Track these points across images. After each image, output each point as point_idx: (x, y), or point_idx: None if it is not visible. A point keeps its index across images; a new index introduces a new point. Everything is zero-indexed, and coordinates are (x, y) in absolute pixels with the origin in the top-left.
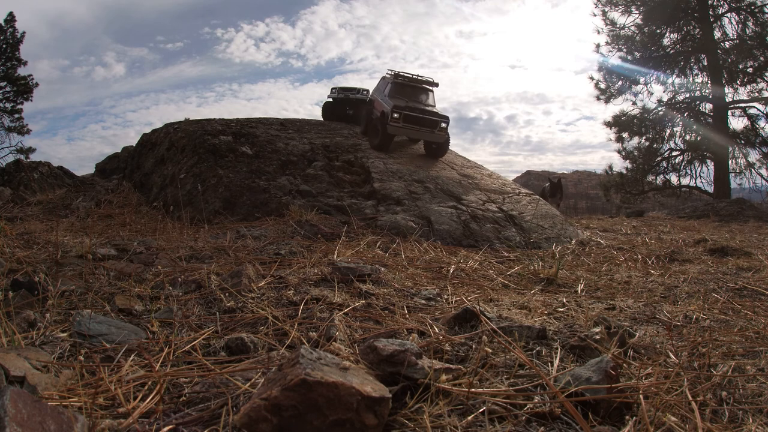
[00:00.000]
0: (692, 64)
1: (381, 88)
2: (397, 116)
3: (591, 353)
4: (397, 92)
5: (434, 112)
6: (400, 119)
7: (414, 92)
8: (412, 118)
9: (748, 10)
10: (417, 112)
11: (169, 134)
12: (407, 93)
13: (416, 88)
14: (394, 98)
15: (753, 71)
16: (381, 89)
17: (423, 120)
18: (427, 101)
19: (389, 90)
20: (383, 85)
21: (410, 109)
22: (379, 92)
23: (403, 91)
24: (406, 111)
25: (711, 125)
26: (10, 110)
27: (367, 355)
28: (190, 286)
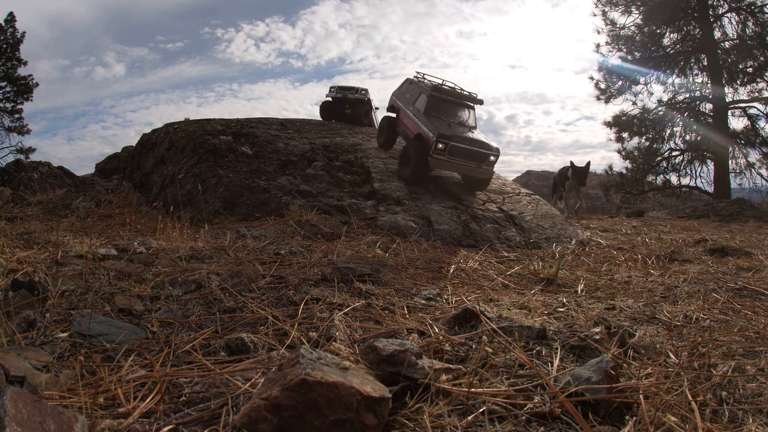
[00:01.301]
0: (692, 64)
1: (409, 96)
2: (443, 147)
3: (591, 353)
4: (434, 109)
5: (485, 143)
6: (445, 151)
7: (453, 109)
8: (459, 150)
9: (748, 10)
10: (466, 142)
11: (169, 134)
12: (446, 110)
13: (457, 104)
14: (432, 117)
15: (753, 71)
16: (409, 98)
17: (472, 153)
18: (468, 121)
19: (425, 105)
20: (413, 94)
21: (458, 138)
22: (407, 102)
23: (441, 108)
24: (454, 142)
25: (711, 125)
26: (10, 110)
27: (367, 355)
28: (190, 286)
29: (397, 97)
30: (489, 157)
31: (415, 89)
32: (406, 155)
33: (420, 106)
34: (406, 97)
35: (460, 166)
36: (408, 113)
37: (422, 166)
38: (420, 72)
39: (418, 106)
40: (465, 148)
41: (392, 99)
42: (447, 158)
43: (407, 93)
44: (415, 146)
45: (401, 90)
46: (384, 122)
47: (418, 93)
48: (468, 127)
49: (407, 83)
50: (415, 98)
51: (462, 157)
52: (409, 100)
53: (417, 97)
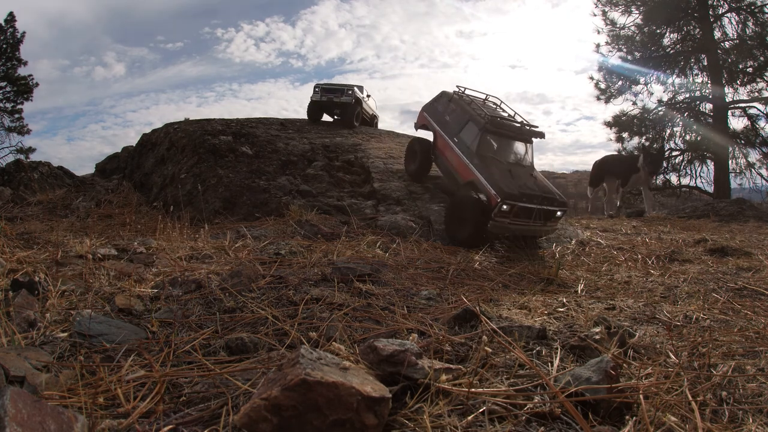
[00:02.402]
0: (692, 64)
1: (450, 119)
2: (508, 210)
3: (591, 353)
4: (488, 147)
5: (554, 195)
6: (510, 213)
7: (511, 146)
8: (527, 210)
9: (748, 10)
10: (535, 200)
11: (169, 134)
12: (502, 148)
13: (515, 139)
14: (488, 161)
15: (753, 71)
16: (450, 122)
17: (540, 211)
18: (526, 159)
19: (476, 142)
20: (456, 118)
21: (527, 196)
22: (447, 127)
23: (495, 144)
24: (523, 202)
25: (711, 125)
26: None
27: (367, 355)
28: (190, 286)
29: (431, 115)
30: (557, 213)
31: (459, 113)
32: (457, 210)
33: (469, 141)
34: (445, 120)
35: (522, 228)
36: (451, 146)
37: (480, 229)
38: (461, 87)
39: (465, 140)
40: (532, 208)
41: (424, 116)
42: (511, 221)
43: (446, 114)
44: (471, 202)
45: (436, 107)
46: (416, 146)
47: (464, 120)
48: (527, 167)
49: (445, 99)
50: (461, 126)
51: (528, 216)
52: (451, 126)
53: (464, 125)
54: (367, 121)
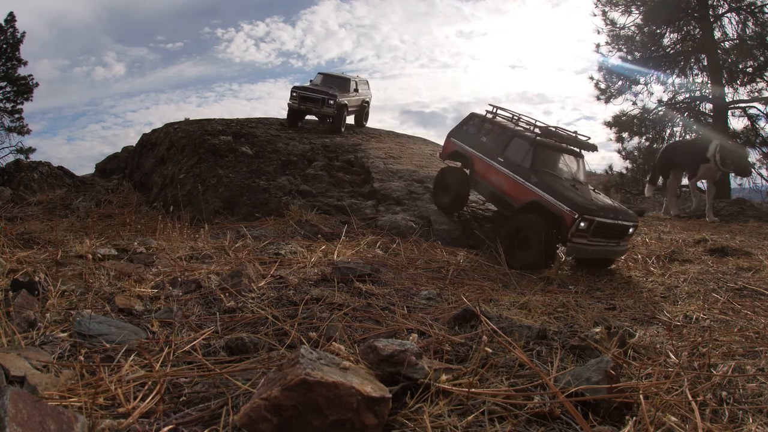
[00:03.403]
0: (692, 64)
1: (488, 140)
2: (586, 227)
3: (591, 353)
4: (543, 162)
5: (625, 210)
6: (588, 232)
7: (562, 161)
8: (604, 227)
9: (748, 10)
10: (611, 214)
11: (169, 134)
12: (553, 163)
13: (567, 153)
14: (545, 176)
15: (753, 71)
16: (489, 143)
17: (617, 228)
18: (580, 175)
19: (530, 157)
20: (495, 138)
21: (603, 210)
22: (486, 148)
23: (548, 160)
24: (601, 217)
25: (711, 125)
26: (10, 110)
27: (367, 355)
28: (190, 286)
29: (462, 140)
30: (629, 230)
31: (498, 131)
32: (516, 235)
33: (519, 158)
34: (481, 142)
35: (601, 249)
36: (496, 168)
37: (549, 253)
38: (493, 105)
39: (513, 158)
40: (610, 224)
41: (452, 142)
42: (589, 241)
43: (482, 135)
44: (536, 224)
45: (466, 130)
46: (447, 177)
47: (507, 137)
48: (585, 183)
49: (476, 120)
50: (504, 145)
51: (606, 235)
52: (491, 147)
53: (507, 143)
54: (356, 110)
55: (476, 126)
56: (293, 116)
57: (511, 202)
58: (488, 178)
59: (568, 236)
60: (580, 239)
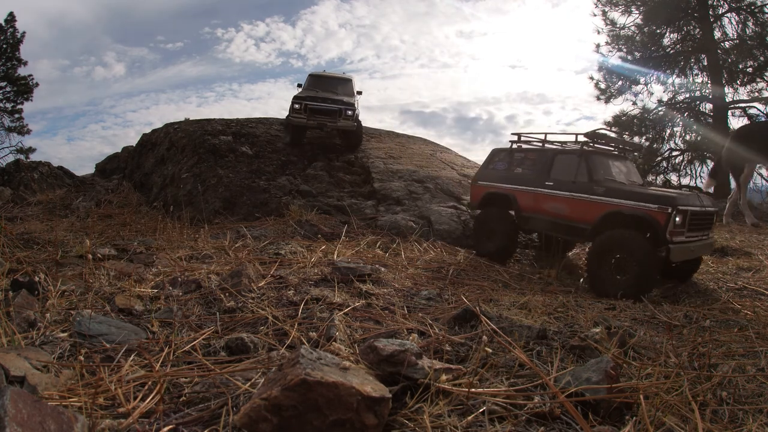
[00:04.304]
0: (692, 64)
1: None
2: (681, 221)
3: (591, 353)
4: (600, 169)
5: (706, 197)
6: (684, 226)
7: (614, 165)
8: (700, 218)
9: (748, 10)
10: (697, 202)
11: (169, 134)
12: (611, 168)
13: (620, 159)
14: (610, 183)
15: (753, 71)
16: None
17: (706, 216)
18: (633, 174)
19: (582, 169)
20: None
21: (689, 198)
22: (532, 180)
23: (603, 166)
24: (693, 206)
25: (711, 125)
26: (10, 110)
27: (367, 355)
28: (190, 286)
29: (493, 180)
30: (713, 217)
31: (534, 156)
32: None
33: (570, 175)
34: (517, 175)
35: (699, 244)
36: (548, 194)
37: (655, 267)
38: (515, 134)
39: (564, 177)
40: (701, 212)
41: (482, 186)
42: (686, 237)
43: (516, 167)
44: (631, 238)
45: (494, 167)
46: (490, 222)
47: (548, 159)
48: (644, 184)
49: (503, 154)
50: (547, 167)
51: (697, 229)
52: (531, 175)
53: (550, 165)
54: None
55: (504, 160)
56: (299, 133)
57: (580, 225)
58: (541, 209)
59: (666, 237)
60: (679, 237)
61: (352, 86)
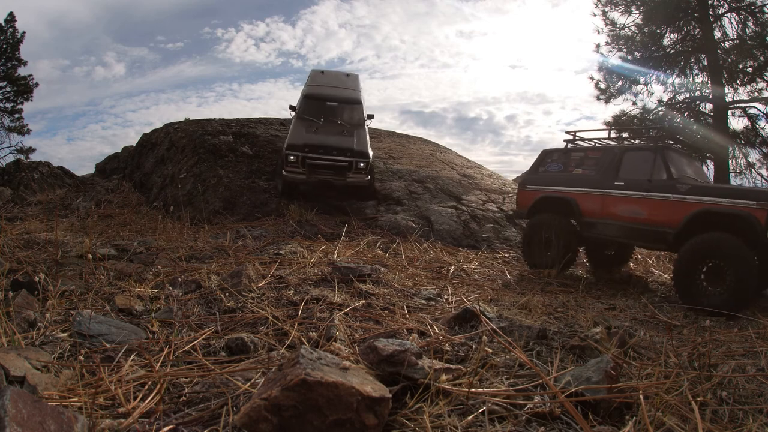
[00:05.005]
0: (692, 64)
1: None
2: None
3: (591, 353)
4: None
5: None
6: None
7: (685, 161)
8: None
9: (748, 10)
10: None
11: (169, 134)
12: (682, 164)
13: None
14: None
15: (753, 71)
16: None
17: None
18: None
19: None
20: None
21: None
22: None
23: (679, 163)
24: None
25: (711, 125)
26: (10, 110)
27: (367, 355)
28: (190, 286)
29: (548, 183)
30: None
31: (599, 155)
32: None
33: (644, 174)
34: (576, 176)
35: None
36: (620, 195)
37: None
38: (570, 132)
39: (637, 177)
40: None
41: (533, 191)
42: None
43: (576, 167)
44: (728, 244)
45: (547, 170)
46: (545, 230)
47: (616, 157)
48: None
49: (557, 155)
50: (616, 166)
51: None
52: (595, 176)
53: (619, 163)
54: None
55: (559, 161)
56: (294, 188)
57: (661, 229)
58: (610, 212)
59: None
60: None
61: (361, 111)
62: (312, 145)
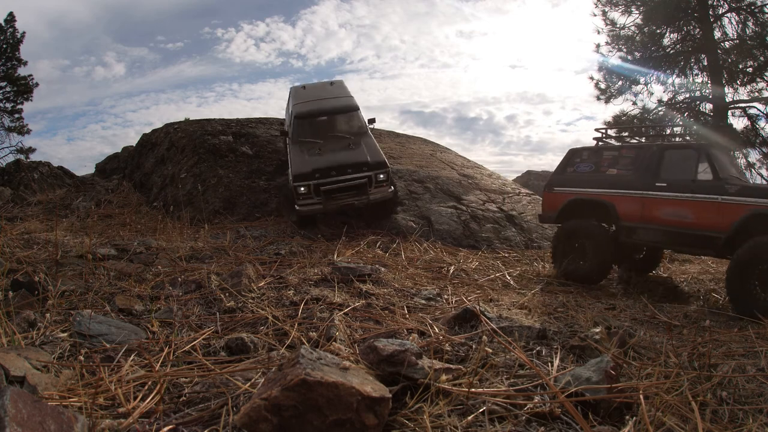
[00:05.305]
0: (692, 64)
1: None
2: None
3: (591, 353)
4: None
5: None
6: None
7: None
8: None
9: (748, 10)
10: None
11: (169, 134)
12: (727, 162)
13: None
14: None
15: (753, 71)
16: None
17: None
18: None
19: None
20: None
21: None
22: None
23: (725, 161)
24: None
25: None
26: (10, 110)
27: (367, 355)
28: (190, 286)
29: (578, 184)
30: None
31: (635, 153)
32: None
33: (688, 173)
34: (612, 176)
35: None
36: (663, 197)
37: None
38: (600, 130)
39: (680, 176)
40: None
41: (561, 193)
42: None
43: (609, 167)
44: None
45: (576, 170)
46: (577, 236)
47: (655, 155)
48: None
49: (587, 153)
50: (655, 165)
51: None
52: (635, 175)
53: (658, 162)
54: None
55: (590, 161)
56: (311, 219)
57: (709, 234)
58: (652, 216)
59: None
60: None
61: (361, 117)
62: (322, 169)
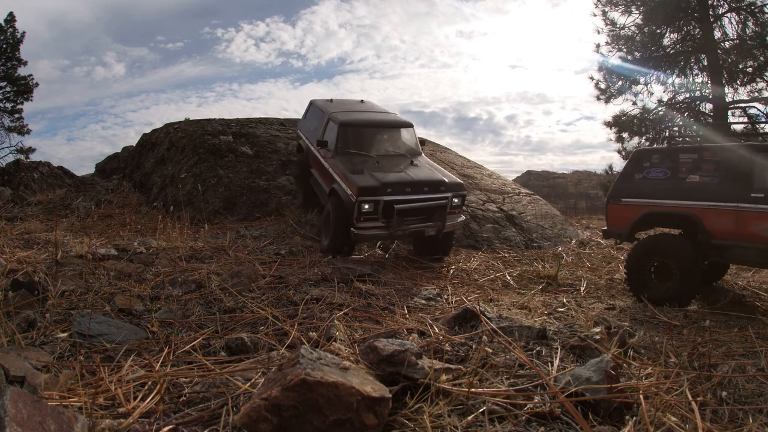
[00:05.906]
0: (692, 64)
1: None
2: None
3: (591, 353)
4: None
5: None
6: None
7: None
8: None
9: (748, 10)
10: None
11: (169, 134)
12: None
13: None
14: None
15: (753, 71)
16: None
17: None
18: None
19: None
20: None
21: None
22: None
23: None
24: None
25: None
26: (10, 110)
27: (367, 355)
28: (190, 286)
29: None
30: None
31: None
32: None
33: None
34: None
35: None
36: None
37: None
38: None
39: None
40: None
41: (630, 207)
42: None
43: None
44: None
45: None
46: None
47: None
48: None
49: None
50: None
51: None
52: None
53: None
54: None
55: (662, 165)
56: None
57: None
58: (752, 233)
59: None
60: None
61: (415, 134)
62: (395, 184)
